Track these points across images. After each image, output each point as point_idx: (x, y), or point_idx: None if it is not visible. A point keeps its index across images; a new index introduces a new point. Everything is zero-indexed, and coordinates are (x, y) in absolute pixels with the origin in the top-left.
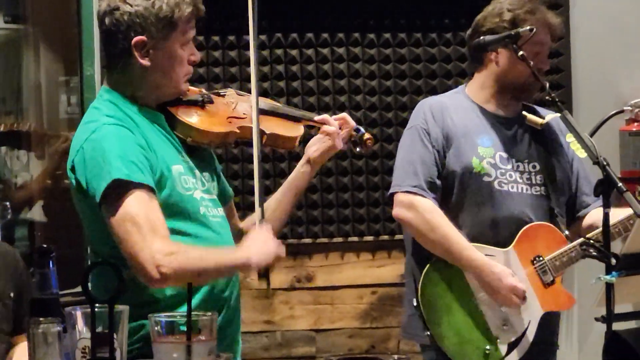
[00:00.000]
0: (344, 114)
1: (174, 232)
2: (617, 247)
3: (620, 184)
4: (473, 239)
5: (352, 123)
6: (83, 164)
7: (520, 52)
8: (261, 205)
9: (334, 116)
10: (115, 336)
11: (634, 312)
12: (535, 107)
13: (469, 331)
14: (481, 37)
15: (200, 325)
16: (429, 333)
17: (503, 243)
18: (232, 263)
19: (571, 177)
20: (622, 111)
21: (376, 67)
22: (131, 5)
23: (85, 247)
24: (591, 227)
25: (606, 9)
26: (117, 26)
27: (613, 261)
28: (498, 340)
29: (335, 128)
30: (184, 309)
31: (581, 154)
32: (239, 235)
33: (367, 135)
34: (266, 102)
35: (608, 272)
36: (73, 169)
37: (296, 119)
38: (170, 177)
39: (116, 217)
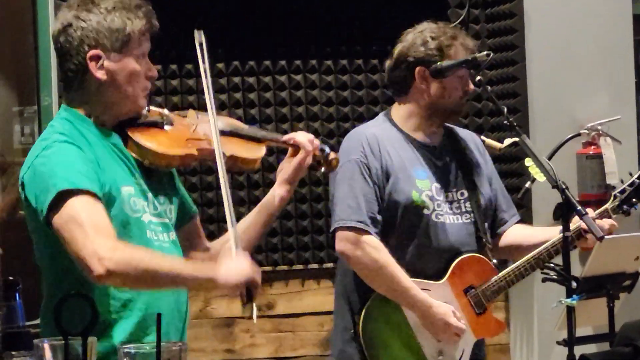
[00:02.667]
0: (308, 134)
1: None
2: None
3: (579, 207)
4: (412, 271)
5: (317, 142)
6: (32, 180)
7: (478, 77)
8: (235, 232)
9: (299, 132)
10: None
11: (595, 335)
12: (454, 127)
13: None
14: (438, 63)
15: (169, 356)
16: None
17: (439, 274)
18: (193, 274)
19: (492, 197)
20: (579, 134)
21: (334, 94)
22: (84, 21)
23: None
24: (512, 247)
25: (561, 33)
26: (70, 42)
27: (574, 284)
28: None
29: (306, 142)
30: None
31: (540, 177)
32: (204, 253)
33: (332, 155)
34: (227, 123)
35: (569, 296)
36: (23, 185)
37: (258, 140)
38: (118, 197)
39: (60, 221)
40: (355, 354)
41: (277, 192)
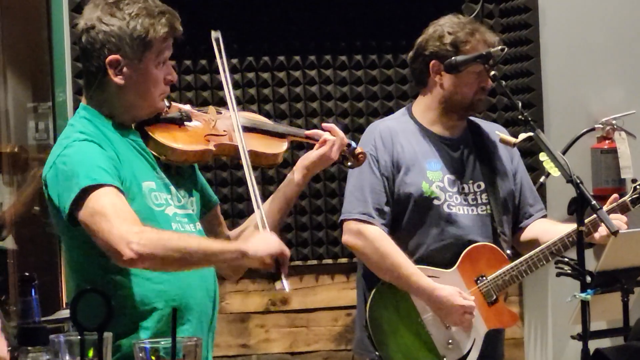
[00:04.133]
0: (334, 126)
1: None
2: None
3: (593, 202)
4: (422, 260)
5: (344, 137)
6: (55, 179)
7: (493, 72)
8: (261, 213)
9: (324, 124)
10: None
11: (609, 329)
12: (478, 121)
13: (416, 351)
14: (452, 58)
15: (184, 351)
16: (377, 354)
17: (450, 264)
18: (222, 248)
19: (515, 190)
20: (593, 129)
21: (348, 89)
22: (106, 25)
23: (58, 275)
24: (532, 241)
25: (575, 28)
26: (92, 44)
27: (588, 279)
28: (444, 359)
29: (332, 137)
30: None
31: (554, 172)
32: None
33: (359, 150)
34: (248, 118)
35: (583, 290)
36: (46, 184)
37: (280, 135)
38: (139, 192)
39: (85, 215)
40: (369, 344)
41: (293, 177)
